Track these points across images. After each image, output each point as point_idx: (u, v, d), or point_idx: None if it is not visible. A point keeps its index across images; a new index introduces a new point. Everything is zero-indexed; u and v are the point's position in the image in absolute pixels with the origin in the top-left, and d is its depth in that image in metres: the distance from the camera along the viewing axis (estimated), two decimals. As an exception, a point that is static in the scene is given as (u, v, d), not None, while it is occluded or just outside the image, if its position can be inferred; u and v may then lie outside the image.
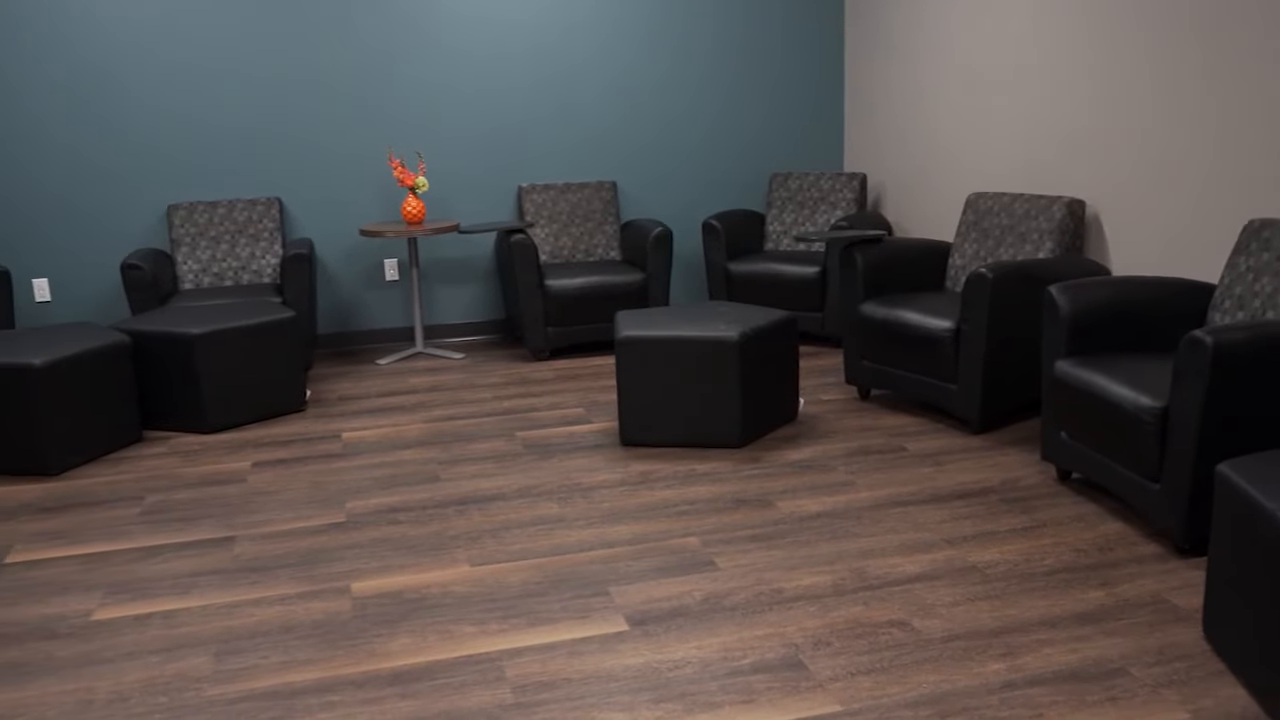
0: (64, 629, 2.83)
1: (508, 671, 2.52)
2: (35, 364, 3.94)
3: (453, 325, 6.25)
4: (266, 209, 5.73)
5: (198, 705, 2.43)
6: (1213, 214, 3.80)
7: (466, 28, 5.93)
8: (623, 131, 6.25)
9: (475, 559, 3.17)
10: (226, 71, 5.69)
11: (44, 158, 5.57)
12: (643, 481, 3.76)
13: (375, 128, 5.93)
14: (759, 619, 2.73)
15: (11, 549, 3.38)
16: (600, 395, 4.91)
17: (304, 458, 4.16)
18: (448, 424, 4.54)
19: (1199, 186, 3.85)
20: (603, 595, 2.90)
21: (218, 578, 3.11)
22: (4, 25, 5.38)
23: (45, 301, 5.72)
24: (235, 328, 4.50)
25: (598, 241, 6.05)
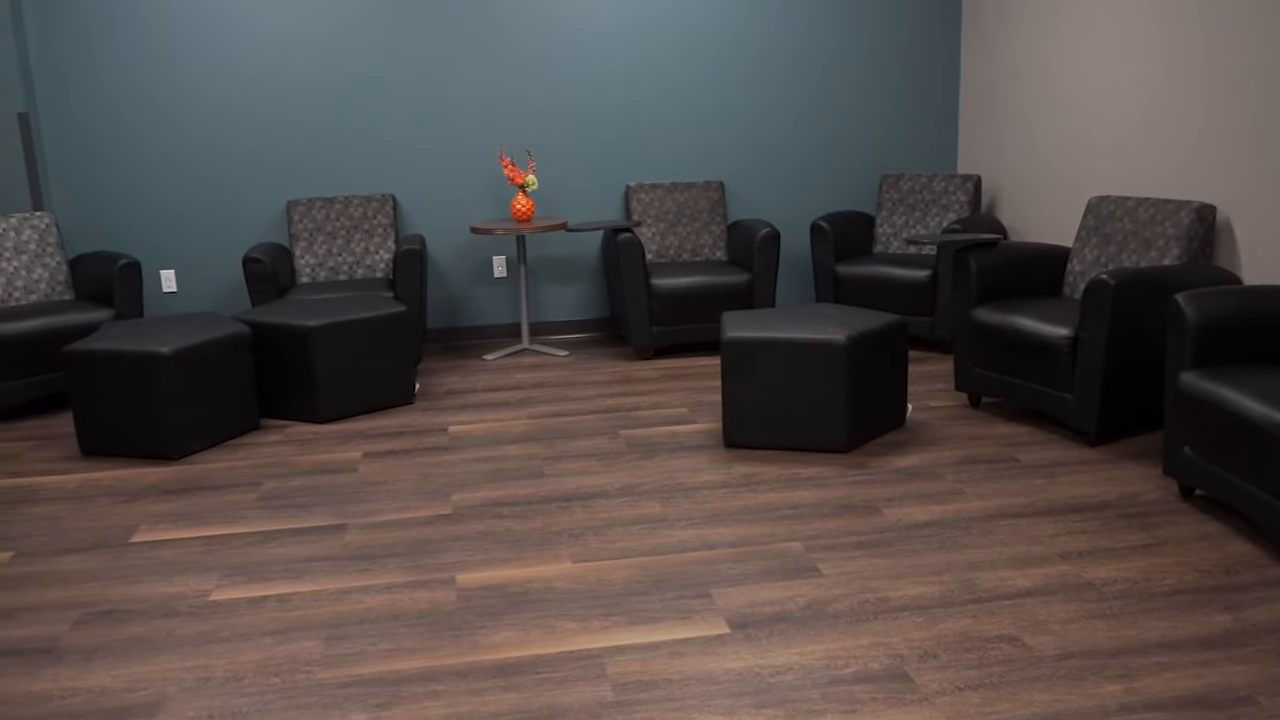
0: (184, 608, 2.94)
1: (608, 669, 2.53)
2: (162, 352, 4.11)
3: (558, 323, 6.31)
4: (381, 205, 5.86)
5: (308, 688, 2.50)
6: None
7: (580, 30, 5.97)
8: (732, 131, 6.22)
9: (578, 555, 3.18)
10: (346, 73, 5.84)
11: (173, 155, 5.80)
12: (746, 484, 3.74)
13: (487, 126, 6.02)
14: (863, 628, 2.68)
15: (137, 529, 3.53)
16: (704, 396, 4.89)
17: (412, 449, 4.25)
18: (552, 420, 4.58)
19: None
20: (704, 597, 2.88)
21: (329, 564, 3.19)
22: (140, 29, 5.63)
23: (172, 292, 5.96)
24: (349, 321, 4.62)
25: (704, 241, 6.04)
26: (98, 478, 4.05)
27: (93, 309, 5.04)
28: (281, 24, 5.75)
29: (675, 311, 5.52)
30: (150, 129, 5.76)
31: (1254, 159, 4.05)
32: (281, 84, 5.81)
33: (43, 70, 5.61)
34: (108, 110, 5.71)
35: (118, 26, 5.62)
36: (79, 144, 5.73)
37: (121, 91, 5.70)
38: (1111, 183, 4.96)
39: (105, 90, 5.69)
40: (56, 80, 5.64)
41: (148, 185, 5.83)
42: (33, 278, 5.24)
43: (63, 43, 5.60)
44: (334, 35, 5.80)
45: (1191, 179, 4.40)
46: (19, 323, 4.79)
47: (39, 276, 5.26)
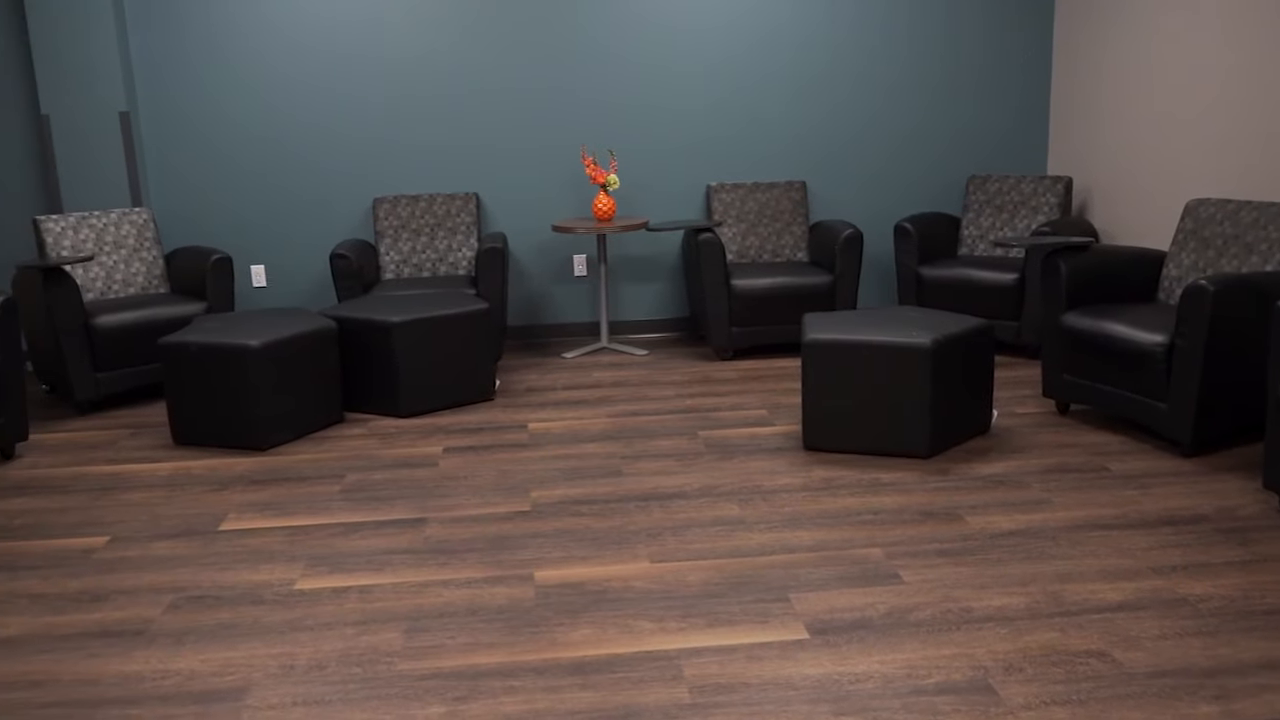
0: (270, 596, 3.00)
1: (685, 671, 2.51)
2: (252, 346, 4.21)
3: (637, 322, 6.31)
4: (464, 204, 5.93)
5: (389, 678, 2.53)
6: None
7: (660, 29, 5.97)
8: (814, 131, 6.17)
9: (655, 555, 3.18)
10: (430, 73, 5.92)
11: (265, 153, 5.95)
12: (825, 488, 3.69)
13: (569, 126, 6.05)
14: (946, 638, 2.63)
15: (226, 517, 3.62)
16: (783, 398, 4.85)
17: (492, 446, 4.29)
18: (631, 419, 4.59)
19: None
20: (783, 601, 2.86)
21: (409, 557, 3.23)
22: (235, 30, 5.77)
23: (261, 287, 6.10)
24: (432, 317, 4.68)
25: (785, 242, 5.99)
26: (189, 467, 4.17)
27: (187, 302, 5.19)
28: (370, 27, 5.85)
29: (755, 312, 5.48)
30: (243, 128, 5.91)
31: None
32: (369, 84, 5.91)
33: (143, 70, 5.79)
34: (204, 109, 5.87)
35: (214, 28, 5.78)
36: (176, 142, 5.90)
37: (217, 91, 5.86)
38: (1211, 185, 4.79)
39: (202, 90, 5.85)
40: (156, 80, 5.81)
41: (240, 182, 5.98)
42: (131, 271, 5.41)
43: (162, 43, 5.78)
44: (421, 37, 5.88)
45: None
46: (118, 315, 4.94)
47: (136, 270, 5.43)
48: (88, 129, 5.63)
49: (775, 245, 5.99)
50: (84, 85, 5.58)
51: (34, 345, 5.10)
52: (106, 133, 5.64)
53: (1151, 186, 5.25)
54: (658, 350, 5.93)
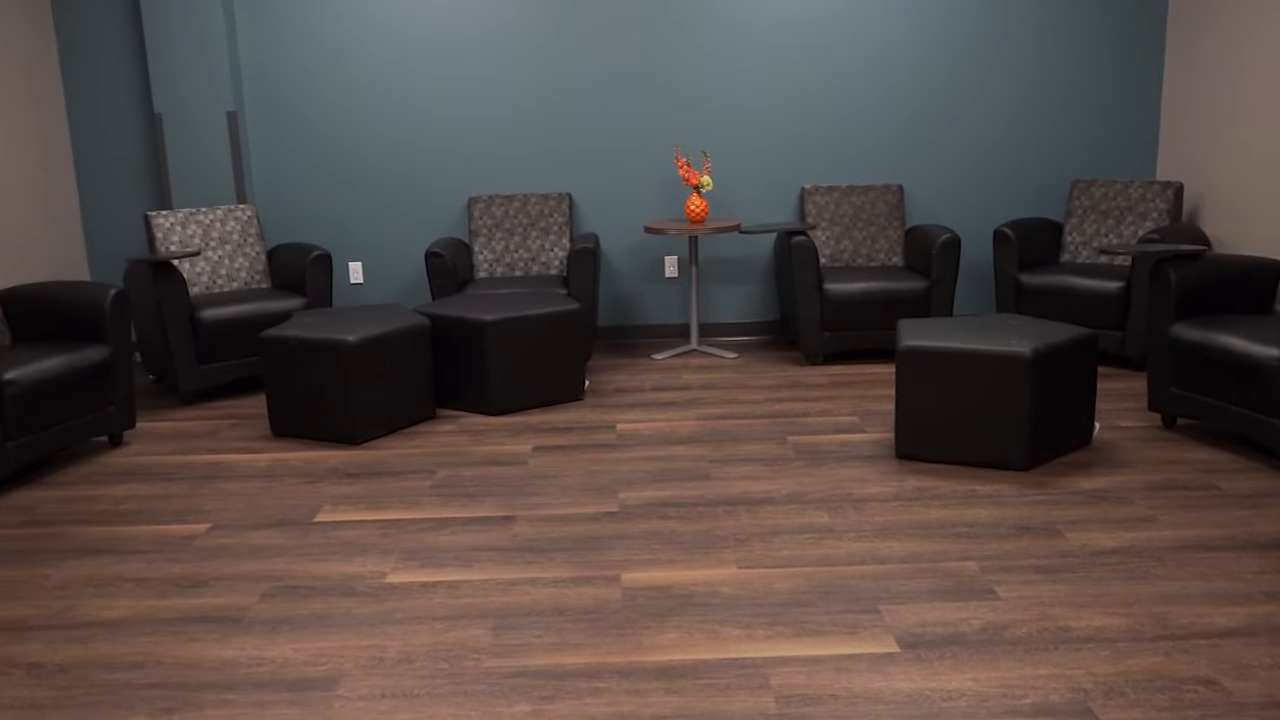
0: (361, 588, 3.05)
1: (772, 680, 2.48)
2: (349, 341, 4.29)
3: (727, 324, 6.27)
4: (557, 204, 5.97)
5: (475, 675, 2.55)
6: None
7: (755, 30, 5.93)
8: (911, 133, 6.05)
9: (743, 561, 3.15)
10: (526, 74, 5.97)
11: (364, 153, 6.06)
12: (918, 498, 3.62)
13: (663, 127, 6.04)
14: (1043, 657, 2.54)
15: (320, 509, 3.69)
16: (875, 405, 4.77)
17: (580, 446, 4.30)
18: (719, 423, 4.56)
19: None
20: (872, 612, 2.80)
21: (498, 554, 3.26)
22: (335, 32, 5.90)
23: (359, 283, 6.23)
24: (524, 316, 4.71)
25: (880, 246, 5.89)
26: (286, 458, 4.27)
27: (287, 297, 5.32)
28: (466, 28, 5.92)
29: (848, 317, 5.40)
30: (344, 128, 6.04)
31: None
32: (465, 86, 5.99)
33: (250, 71, 5.96)
34: (306, 110, 6.02)
35: (318, 31, 5.91)
36: (279, 141, 6.06)
37: (319, 92, 6.00)
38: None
39: (304, 91, 5.99)
40: (261, 80, 5.97)
41: (340, 181, 6.11)
42: (234, 266, 5.56)
43: (268, 45, 5.93)
44: (515, 38, 5.93)
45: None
46: (222, 308, 5.09)
47: (240, 265, 5.58)
48: (197, 128, 5.81)
49: (870, 249, 5.89)
50: (195, 85, 5.76)
51: (143, 337, 5.29)
52: (214, 131, 5.81)
53: (1269, 193, 5.03)
54: (747, 353, 5.88)
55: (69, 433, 4.18)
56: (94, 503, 3.84)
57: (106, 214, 6.09)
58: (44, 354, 4.12)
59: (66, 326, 4.44)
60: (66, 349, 4.22)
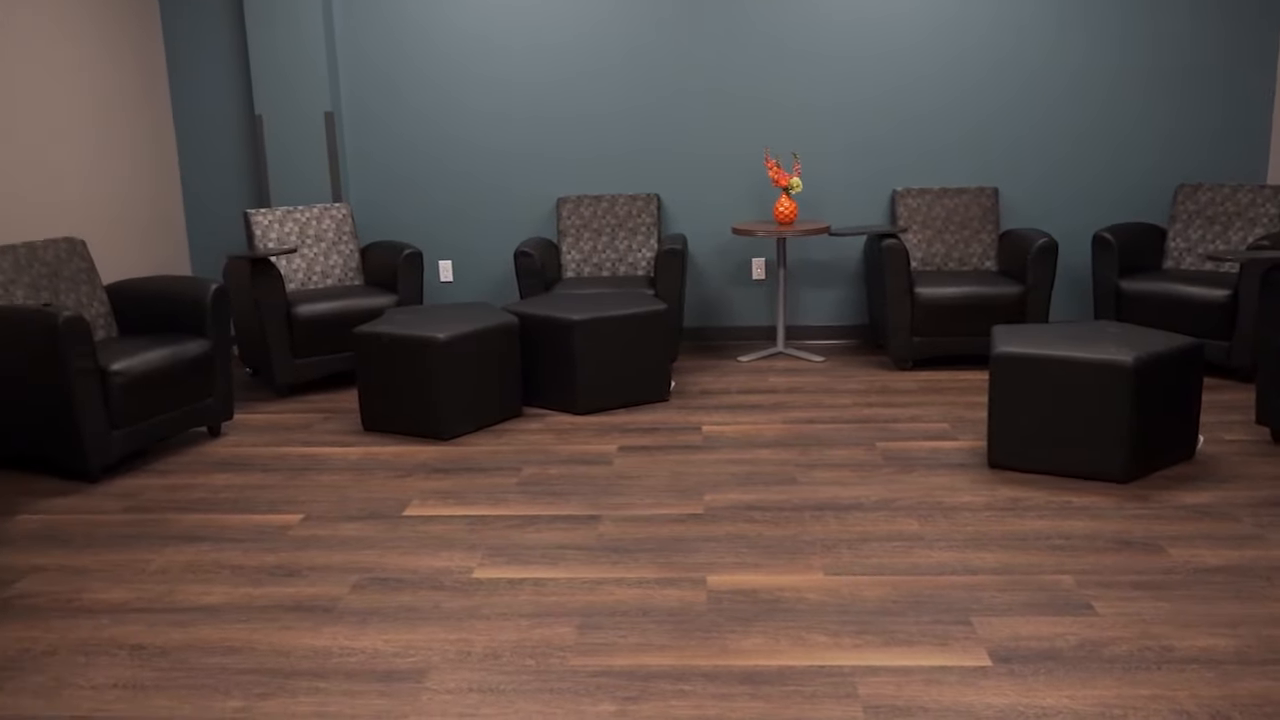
0: (449, 582, 3.09)
1: (860, 689, 2.44)
2: (439, 338, 4.35)
3: (815, 327, 6.21)
4: (645, 205, 5.97)
5: (561, 673, 2.56)
6: None
7: (848, 29, 5.86)
8: (1007, 134, 5.92)
9: (830, 568, 3.10)
10: (616, 76, 5.99)
11: (455, 153, 6.15)
12: (1011, 508, 3.53)
13: (753, 128, 6.01)
14: (1143, 676, 2.46)
15: (409, 503, 3.74)
16: (967, 412, 4.67)
17: (666, 446, 4.29)
18: (806, 427, 4.51)
19: None
20: (964, 624, 2.74)
21: (583, 553, 3.26)
22: (430, 34, 5.99)
23: (448, 282, 6.32)
24: (611, 316, 4.72)
25: (973, 250, 5.77)
26: (376, 452, 4.34)
27: (379, 294, 5.41)
28: (557, 31, 5.96)
29: (939, 322, 5.30)
30: (436, 129, 6.13)
31: None
32: (555, 88, 6.03)
33: (346, 73, 6.08)
34: (400, 111, 6.12)
35: (410, 33, 6.01)
36: (374, 141, 6.17)
37: (412, 93, 6.09)
38: None
39: (397, 92, 6.10)
40: (357, 82, 6.10)
41: (432, 181, 6.20)
42: (329, 263, 5.68)
43: (363, 48, 6.05)
44: (605, 40, 5.95)
45: None
46: (316, 304, 5.20)
47: (334, 263, 5.70)
48: (296, 128, 5.95)
49: (963, 253, 5.78)
50: (293, 87, 5.90)
51: (241, 331, 5.43)
52: (312, 132, 5.95)
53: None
54: (835, 357, 5.81)
55: (171, 423, 4.31)
56: (193, 491, 3.95)
57: (208, 211, 6.28)
58: (148, 346, 4.26)
59: (169, 320, 4.58)
60: (169, 342, 4.36)
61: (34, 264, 4.39)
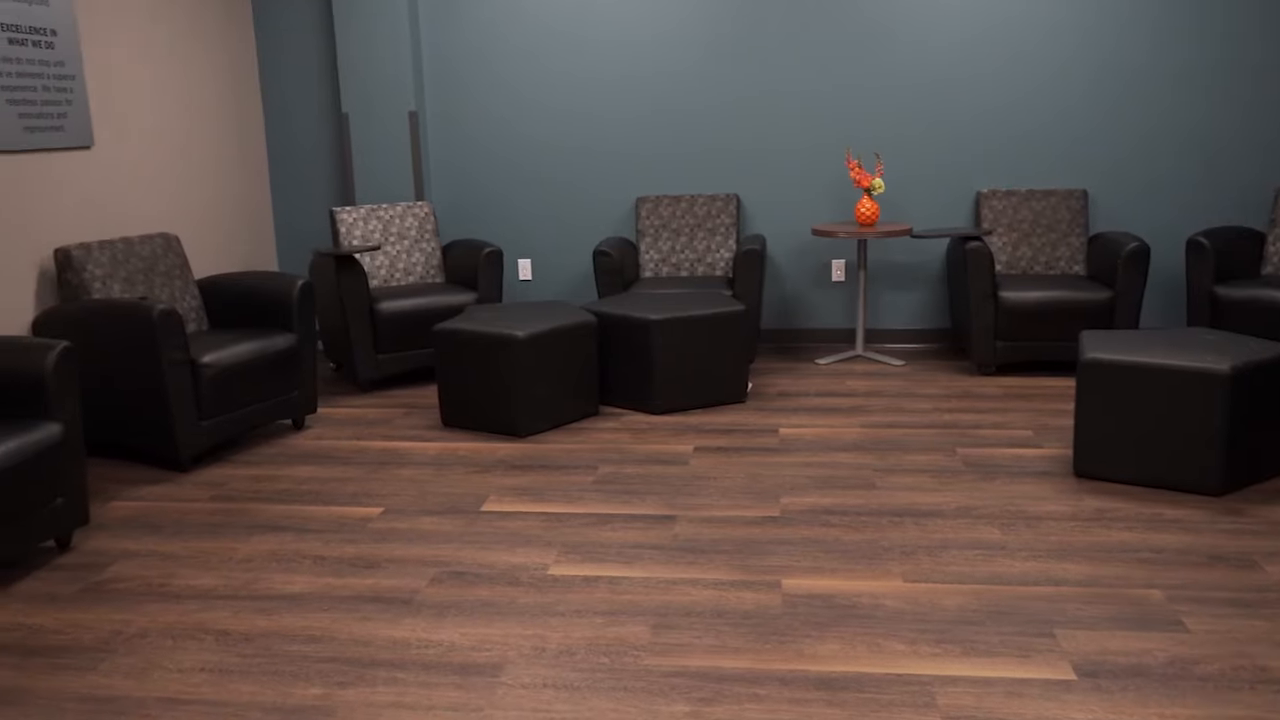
0: (525, 578, 3.11)
1: (938, 699, 2.40)
2: (518, 336, 4.38)
3: (895, 331, 6.13)
4: (725, 205, 5.95)
5: (635, 671, 2.56)
6: None
7: (929, 29, 5.76)
8: (1096, 135, 5.76)
9: (909, 574, 3.05)
10: (695, 75, 5.97)
11: (536, 153, 6.19)
12: (1098, 519, 3.44)
13: (834, 128, 5.95)
14: (1237, 698, 2.37)
15: (487, 498, 3.78)
16: (1052, 419, 4.56)
17: (742, 448, 4.27)
18: (885, 431, 4.45)
19: None
20: (1047, 636, 2.67)
21: (658, 553, 3.26)
22: (511, 35, 6.05)
23: (527, 280, 6.37)
24: (689, 317, 4.71)
25: (1061, 254, 5.64)
26: (455, 448, 4.39)
27: (459, 292, 5.48)
28: (637, 31, 5.97)
29: (1023, 326, 5.19)
30: (516, 128, 6.18)
31: None
32: (635, 88, 6.04)
33: (430, 73, 6.17)
34: (481, 111, 6.19)
35: (493, 33, 6.07)
36: (456, 141, 6.25)
37: (493, 94, 6.16)
38: None
39: (480, 91, 6.16)
40: (440, 83, 6.18)
41: (512, 180, 6.26)
42: (411, 261, 5.77)
43: (447, 49, 6.13)
44: (686, 38, 5.94)
45: None
46: (399, 301, 5.29)
47: (416, 260, 5.79)
48: (380, 127, 6.05)
49: (1049, 256, 5.64)
50: (379, 87, 6.00)
51: (325, 326, 5.54)
52: (396, 131, 6.05)
53: None
54: (915, 361, 5.73)
55: (257, 415, 4.41)
56: (278, 482, 4.04)
57: (295, 209, 6.42)
58: (237, 340, 4.37)
59: (257, 315, 4.70)
60: (257, 336, 4.46)
61: (131, 259, 4.53)
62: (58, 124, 4.51)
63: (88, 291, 4.32)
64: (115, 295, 4.40)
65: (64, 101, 4.55)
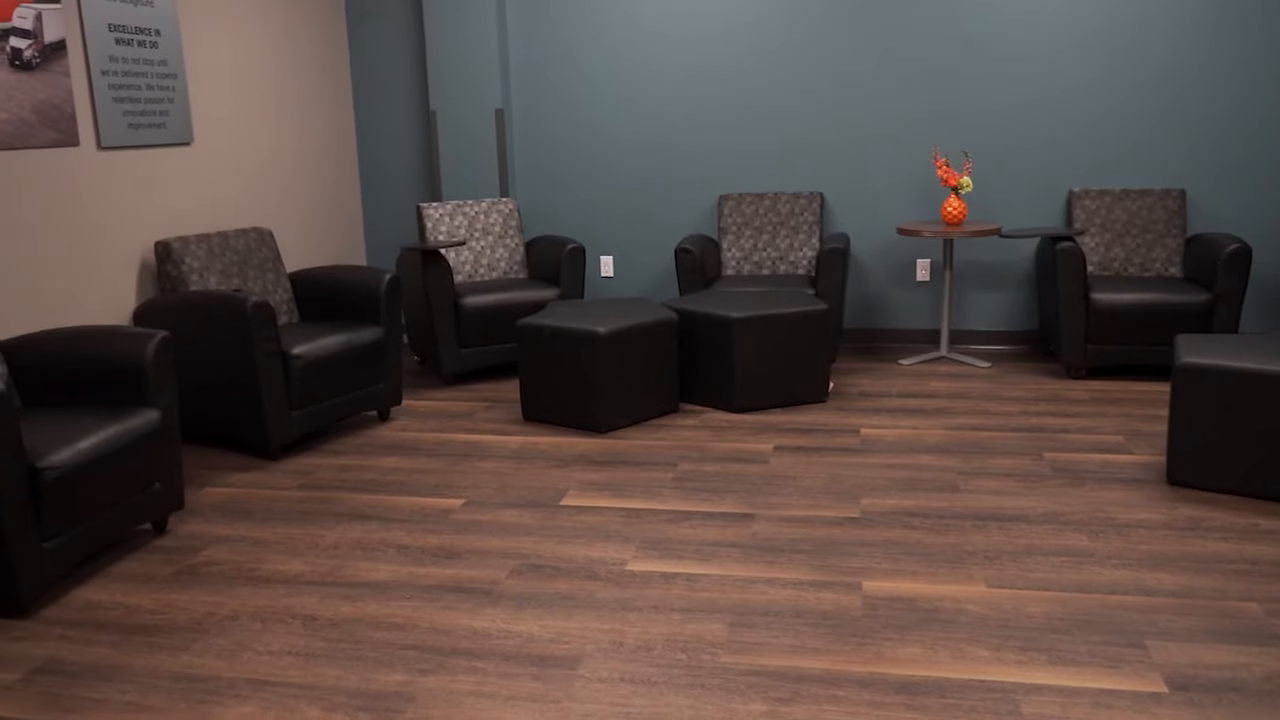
0: (603, 572, 3.13)
1: (1023, 708, 2.35)
2: (599, 332, 4.40)
3: (980, 332, 6.01)
4: (808, 203, 5.90)
5: (712, 669, 2.55)
6: None
7: (1019, 23, 5.63)
8: (1195, 133, 5.58)
9: (993, 580, 3.00)
10: (779, 72, 5.93)
11: (619, 151, 6.22)
12: (1192, 528, 3.33)
13: (921, 125, 5.85)
14: (1340, 716, 2.28)
15: (566, 493, 3.81)
16: (1144, 425, 4.43)
17: (822, 448, 4.23)
18: (969, 434, 4.37)
19: None
20: (1137, 647, 2.60)
21: (736, 551, 3.25)
22: (596, 34, 6.08)
23: (608, 277, 6.40)
24: (771, 315, 4.69)
25: (1156, 255, 5.47)
26: (535, 442, 4.43)
27: (542, 288, 5.53)
28: (719, 28, 5.95)
29: (1116, 329, 5.05)
30: (600, 127, 6.21)
31: None
32: (717, 85, 6.02)
33: (516, 72, 6.23)
34: (565, 109, 6.23)
35: (577, 31, 6.11)
36: (540, 138, 6.31)
37: (578, 91, 6.20)
38: None
39: (565, 89, 6.21)
40: (526, 81, 6.24)
41: (595, 177, 6.29)
42: (495, 256, 5.84)
43: (533, 48, 6.18)
44: (769, 36, 5.91)
45: None
46: (482, 296, 5.35)
47: (500, 256, 5.85)
48: (467, 125, 6.13)
49: (1144, 258, 5.48)
50: (467, 85, 6.08)
51: (410, 320, 5.64)
52: (483, 128, 6.12)
53: None
54: (1001, 363, 5.61)
55: (344, 406, 4.51)
56: (363, 472, 4.12)
57: (383, 204, 6.54)
58: (326, 332, 4.47)
59: (346, 308, 4.80)
60: (345, 328, 4.56)
61: (226, 252, 4.66)
62: (160, 121, 4.67)
63: (185, 283, 4.46)
64: (211, 287, 4.54)
65: (166, 99, 4.70)
